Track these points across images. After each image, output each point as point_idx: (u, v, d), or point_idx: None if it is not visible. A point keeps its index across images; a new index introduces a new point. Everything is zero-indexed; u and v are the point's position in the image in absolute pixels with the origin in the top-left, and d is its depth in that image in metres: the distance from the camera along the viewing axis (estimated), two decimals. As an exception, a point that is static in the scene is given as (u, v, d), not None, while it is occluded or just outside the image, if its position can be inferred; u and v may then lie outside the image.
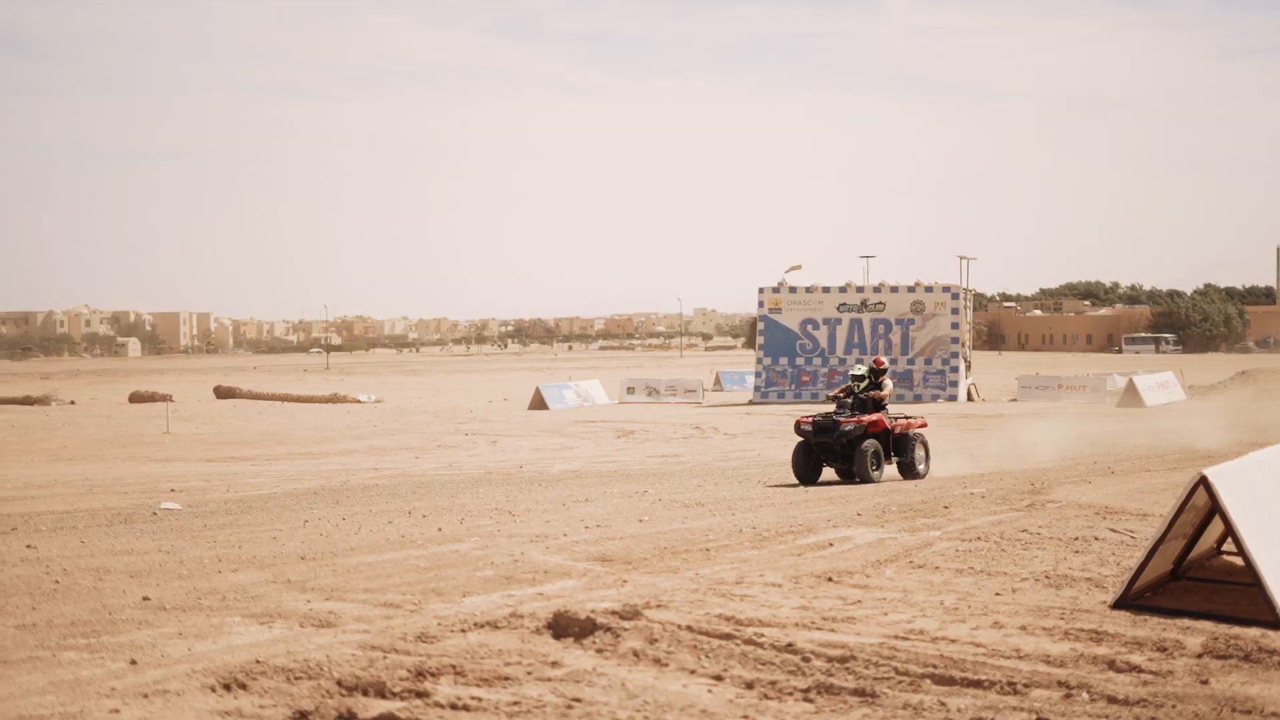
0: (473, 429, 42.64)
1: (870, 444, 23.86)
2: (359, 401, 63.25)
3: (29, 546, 15.32)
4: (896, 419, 24.88)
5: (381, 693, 8.20)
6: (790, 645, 9.26)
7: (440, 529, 16.41)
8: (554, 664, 8.90)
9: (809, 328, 59.48)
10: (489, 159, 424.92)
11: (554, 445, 36.12)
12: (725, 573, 12.41)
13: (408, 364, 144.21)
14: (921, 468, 24.96)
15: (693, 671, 8.73)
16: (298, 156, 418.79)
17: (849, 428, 23.98)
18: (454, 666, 8.77)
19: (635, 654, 9.11)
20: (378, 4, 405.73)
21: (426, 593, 11.64)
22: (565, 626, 9.73)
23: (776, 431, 40.17)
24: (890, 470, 25.04)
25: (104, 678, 8.60)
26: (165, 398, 64.42)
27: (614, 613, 10.06)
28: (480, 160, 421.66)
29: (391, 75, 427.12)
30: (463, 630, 9.91)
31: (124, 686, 8.35)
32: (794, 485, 22.83)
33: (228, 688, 8.29)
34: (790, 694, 8.23)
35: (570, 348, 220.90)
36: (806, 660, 8.89)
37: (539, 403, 55.62)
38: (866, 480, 23.65)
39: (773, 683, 8.44)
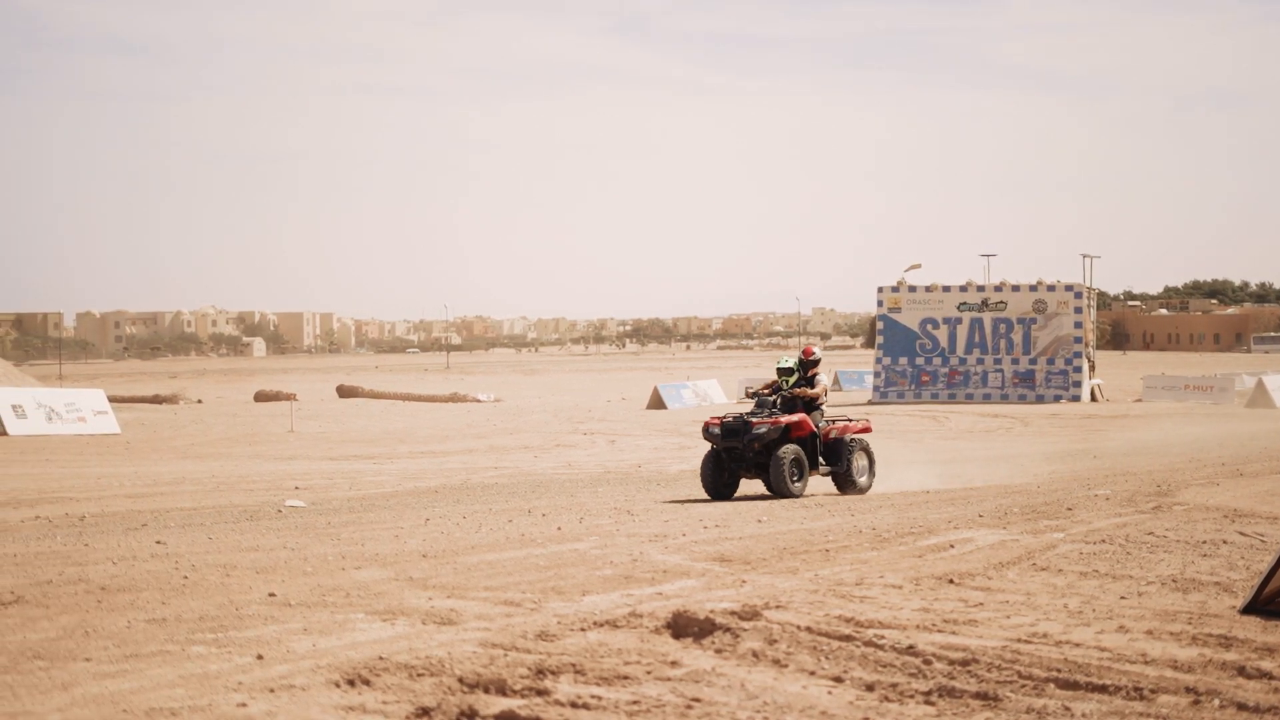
0: (591, 428, 42.80)
1: (789, 450, 20.56)
2: (479, 401, 63.77)
3: (158, 542, 15.61)
4: (833, 421, 21.87)
5: (502, 690, 8.25)
6: (911, 647, 9.19)
7: (559, 528, 16.49)
8: (673, 664, 8.91)
9: (929, 327, 59.01)
10: (608, 159, 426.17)
11: (672, 445, 36.16)
12: (845, 574, 12.35)
13: (526, 363, 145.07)
14: (862, 480, 21.60)
15: (812, 673, 8.69)
16: (421, 158, 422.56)
17: (762, 430, 20.64)
18: (574, 665, 8.81)
19: (754, 654, 9.09)
20: (497, 6, 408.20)
21: (546, 591, 11.70)
22: (684, 626, 9.73)
23: (896, 432, 39.91)
24: (826, 483, 22.19)
25: (231, 672, 8.74)
26: (289, 397, 65.34)
27: (733, 613, 10.05)
28: (599, 160, 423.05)
29: (511, 77, 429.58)
30: (582, 629, 9.95)
31: (251, 681, 8.48)
32: (916, 490, 22.05)
33: (351, 683, 8.39)
34: (911, 697, 8.17)
35: (688, 347, 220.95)
36: (928, 663, 8.82)
37: (657, 402, 55.71)
38: (783, 493, 20.39)
39: (893, 685, 8.38)
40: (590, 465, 29.06)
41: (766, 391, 21.44)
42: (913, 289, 59.69)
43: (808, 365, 21.60)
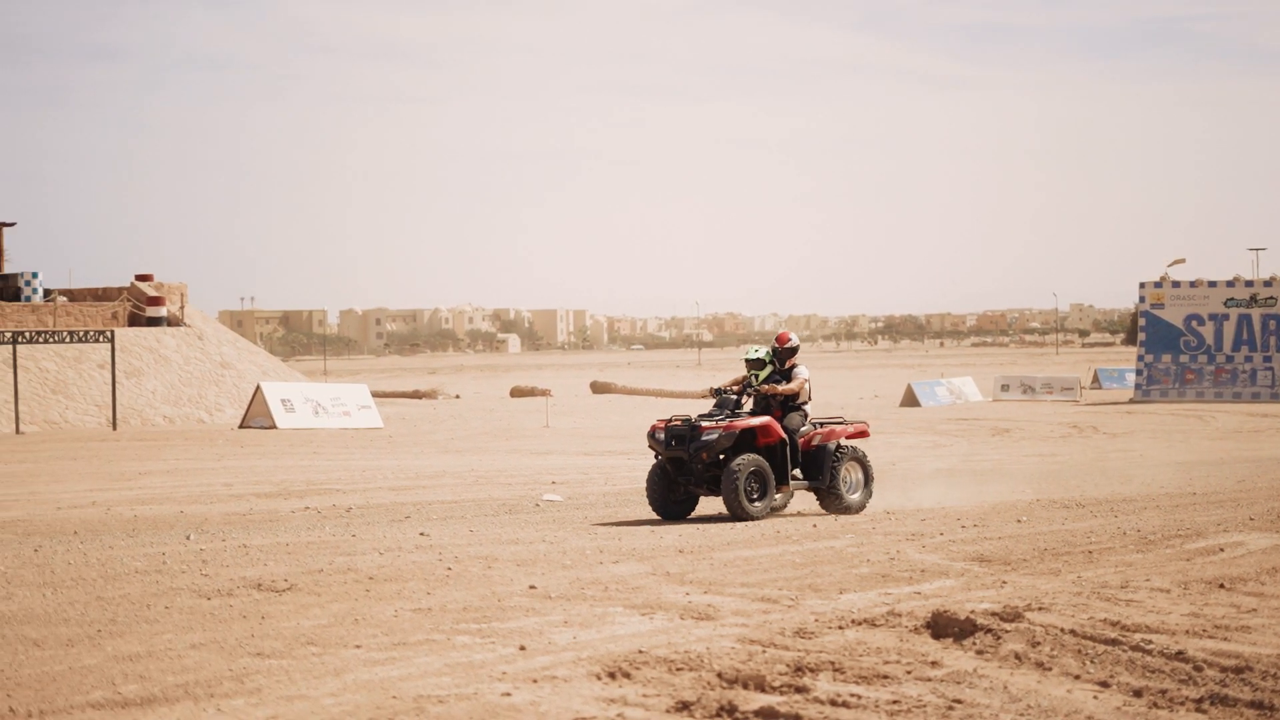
0: (844, 425, 42.54)
1: (746, 461, 17.08)
2: (730, 397, 63.87)
3: (422, 534, 16.01)
4: (818, 425, 18.42)
5: (761, 687, 8.26)
6: (1180, 653, 8.93)
7: (815, 525, 16.44)
8: (933, 664, 8.81)
9: (1193, 323, 57.24)
10: (859, 154, 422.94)
11: (926, 443, 35.76)
12: (1109, 576, 12.06)
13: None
14: (853, 497, 18.13)
15: (1077, 677, 8.51)
16: (676, 156, 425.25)
17: (711, 437, 17.19)
18: (832, 663, 8.77)
19: (1017, 657, 8.94)
20: (748, 4, 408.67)
21: (803, 588, 11.68)
22: (944, 626, 9.61)
23: (1160, 431, 38.83)
24: (809, 500, 19.02)
25: (495, 662, 8.92)
26: (544, 393, 66.43)
27: (994, 614, 9.89)
28: (850, 155, 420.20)
29: (765, 72, 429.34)
30: (840, 627, 9.91)
31: (514, 671, 8.65)
32: (1190, 493, 20.57)
33: (612, 676, 8.49)
34: (1181, 704, 7.94)
35: (941, 344, 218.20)
36: (1198, 669, 8.56)
37: (910, 399, 55.17)
38: (738, 514, 17.05)
39: (1162, 691, 8.15)
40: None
41: (734, 388, 18.00)
42: (1176, 284, 57.98)
43: (784, 355, 18.13)
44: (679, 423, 17.52)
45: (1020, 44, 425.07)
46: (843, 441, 18.29)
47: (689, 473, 17.49)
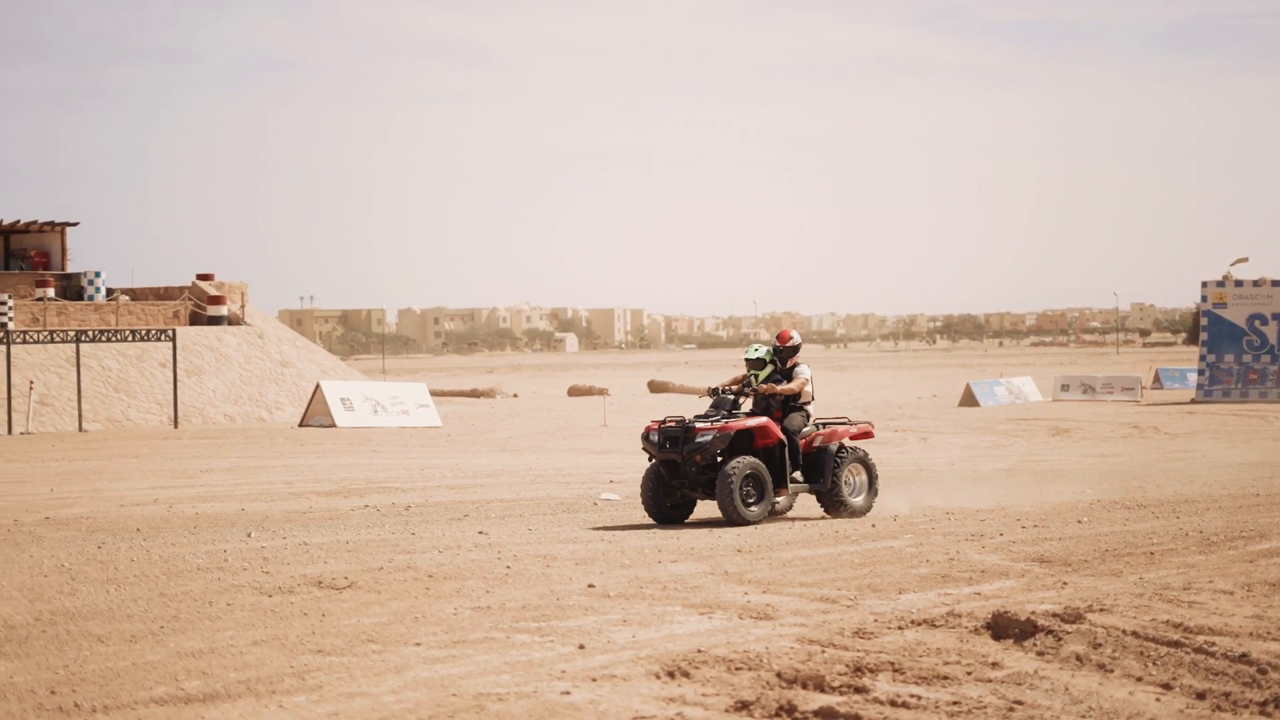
0: (902, 425, 42.40)
1: (741, 464, 16.57)
2: (788, 397, 63.79)
3: (480, 532, 16.07)
4: (822, 425, 17.91)
5: (820, 687, 8.25)
6: (1244, 655, 8.84)
7: (873, 525, 16.38)
8: (994, 665, 8.77)
9: (1257, 323, 56.66)
10: (917, 152, 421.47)
11: (985, 443, 35.58)
12: (1171, 578, 11.96)
13: (835, 359, 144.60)
14: (857, 500, 17.62)
15: (1139, 679, 8.45)
16: (732, 154, 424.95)
17: (705, 438, 16.71)
18: (892, 663, 8.75)
19: (1078, 658, 8.88)
20: (805, 4, 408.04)
21: (862, 588, 11.65)
22: (1005, 627, 9.57)
23: (1222, 432, 38.48)
24: (810, 504, 18.40)
25: (554, 660, 8.95)
26: (601, 392, 66.51)
27: (1055, 615, 9.84)
28: (908, 154, 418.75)
29: (824, 71, 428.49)
30: (899, 627, 9.88)
31: (573, 670, 8.67)
32: (1253, 494, 20.46)
33: (671, 675, 8.50)
34: (1245, 707, 7.87)
35: (1000, 344, 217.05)
36: (1263, 672, 8.47)
37: (969, 399, 54.89)
38: (733, 519, 16.54)
39: (1226, 694, 8.08)
40: (903, 462, 28.79)
41: (733, 387, 17.54)
42: (1239, 283, 57.41)
43: (785, 354, 17.65)
44: (673, 424, 17.01)
45: (1083, 41, 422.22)
46: (846, 443, 17.75)
47: (683, 476, 16.99)
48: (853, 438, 17.90)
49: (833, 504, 17.49)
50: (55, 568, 13.39)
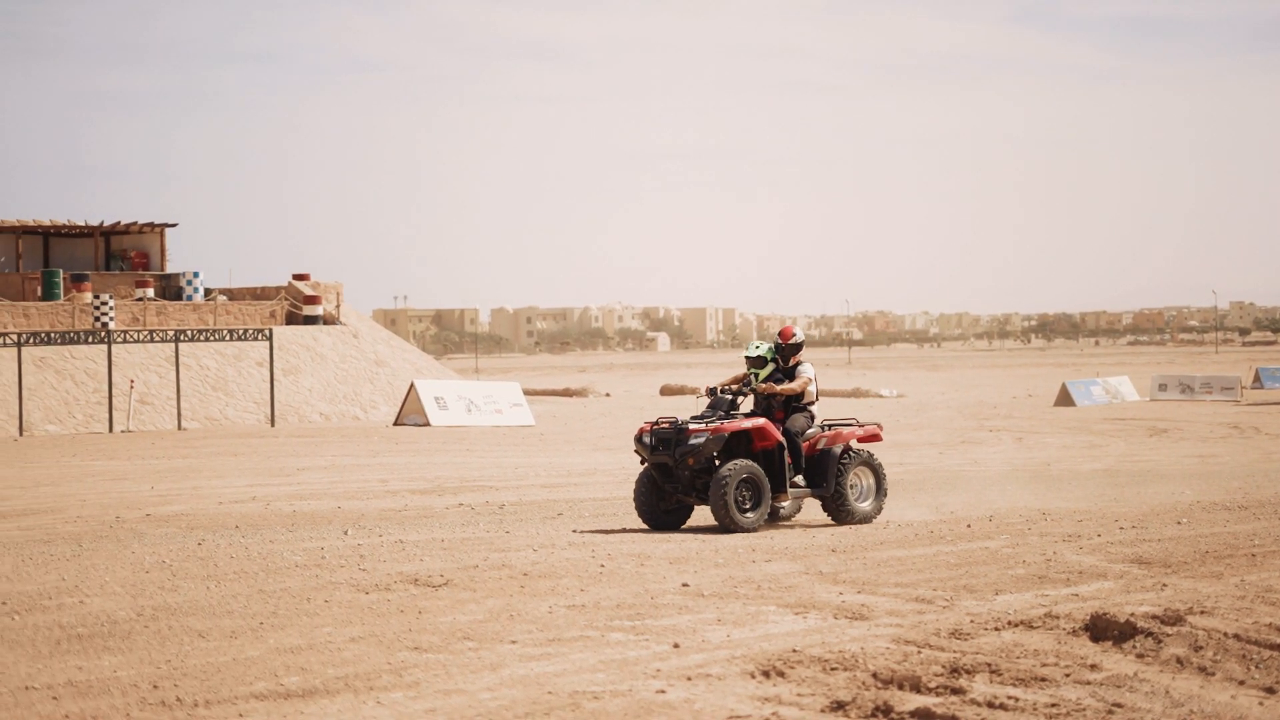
0: (996, 425, 42.05)
1: (736, 468, 15.70)
2: (881, 396, 63.47)
3: (574, 531, 16.12)
4: (827, 427, 17.10)
5: (916, 687, 8.20)
6: (1350, 660, 8.70)
7: (969, 525, 16.26)
8: (1092, 667, 8.68)
9: (1360, 322, 55.71)
10: (1011, 150, 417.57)
11: (1081, 443, 35.20)
12: (1274, 580, 11.77)
13: (929, 359, 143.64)
14: (864, 505, 16.75)
15: (1241, 682, 8.33)
16: (815, 152, 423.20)
17: (697, 441, 15.84)
18: (988, 664, 8.69)
19: (1178, 661, 8.77)
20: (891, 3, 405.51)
21: (958, 589, 11.57)
22: (1103, 629, 9.47)
23: (1324, 432, 37.84)
24: (813, 511, 17.35)
25: (649, 659, 8.96)
26: (694, 391, 66.42)
27: (1155, 617, 9.72)
28: (1002, 152, 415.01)
29: (914, 69, 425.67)
30: (996, 628, 9.81)
31: (668, 669, 8.68)
32: None
33: (766, 675, 8.49)
34: (1352, 711, 7.74)
35: (1096, 343, 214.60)
36: (1369, 676, 8.33)
37: (1065, 399, 54.33)
38: (728, 525, 15.69)
39: (1331, 698, 7.96)
40: (997, 463, 28.56)
41: (731, 386, 16.73)
42: (1342, 281, 56.49)
43: (788, 352, 16.88)
44: (666, 425, 16.22)
45: (1178, 37, 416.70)
46: (851, 445, 16.96)
47: (676, 480, 16.18)
48: (859, 440, 17.16)
49: (837, 509, 16.66)
50: (156, 564, 13.59)
